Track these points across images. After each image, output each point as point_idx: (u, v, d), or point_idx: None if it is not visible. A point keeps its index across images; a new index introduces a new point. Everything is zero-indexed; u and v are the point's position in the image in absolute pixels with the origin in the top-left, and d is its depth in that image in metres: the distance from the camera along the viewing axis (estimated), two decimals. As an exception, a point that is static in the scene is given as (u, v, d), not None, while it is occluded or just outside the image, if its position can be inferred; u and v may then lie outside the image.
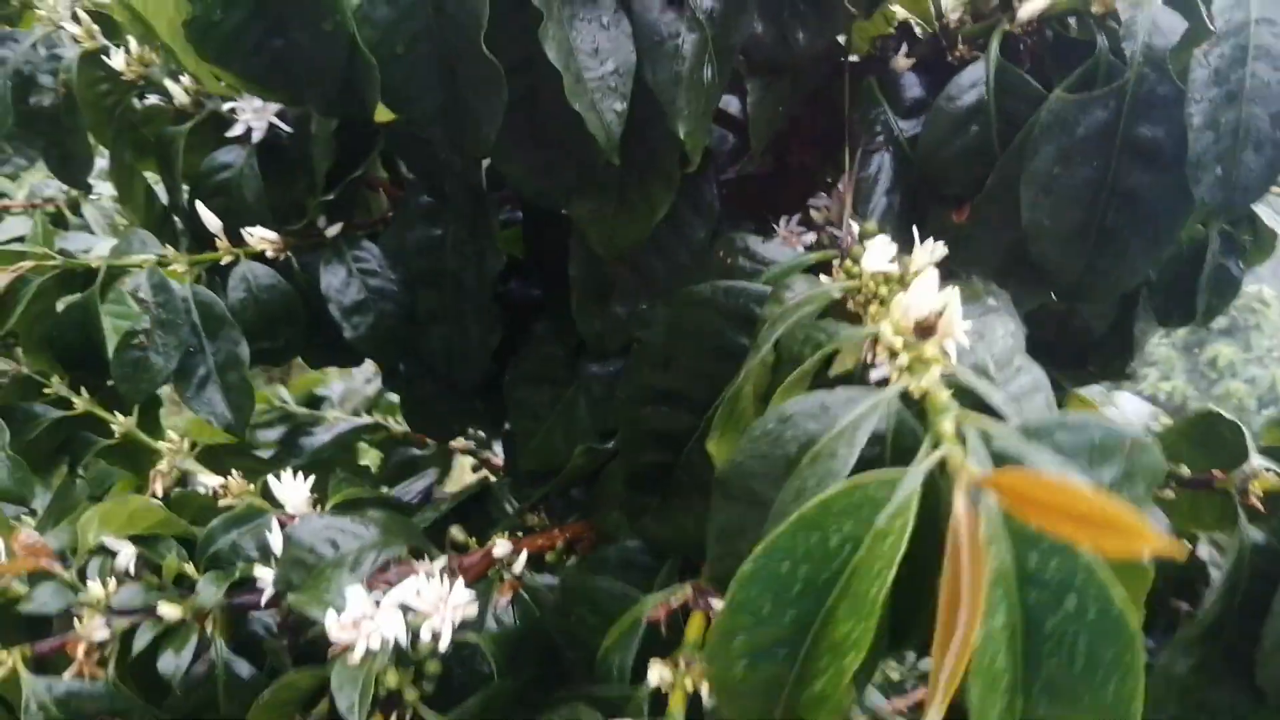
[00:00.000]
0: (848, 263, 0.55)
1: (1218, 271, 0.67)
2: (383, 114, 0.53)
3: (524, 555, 0.69)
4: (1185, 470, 0.75)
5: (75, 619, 0.63)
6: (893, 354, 0.45)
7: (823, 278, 0.55)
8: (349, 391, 1.17)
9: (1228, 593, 0.67)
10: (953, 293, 0.45)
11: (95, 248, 1.11)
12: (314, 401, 1.13)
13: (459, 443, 1.04)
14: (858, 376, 0.49)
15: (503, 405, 0.81)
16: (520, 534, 0.73)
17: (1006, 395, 0.46)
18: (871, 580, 0.35)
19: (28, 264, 0.71)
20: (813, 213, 0.69)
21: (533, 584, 0.68)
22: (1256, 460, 0.70)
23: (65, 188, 1.15)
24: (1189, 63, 0.52)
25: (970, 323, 0.46)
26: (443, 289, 0.77)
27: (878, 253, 0.51)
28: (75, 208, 1.22)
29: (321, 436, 1.05)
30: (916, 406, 0.43)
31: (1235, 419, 0.73)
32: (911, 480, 0.36)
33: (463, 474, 1.09)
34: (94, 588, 0.64)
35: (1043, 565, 0.35)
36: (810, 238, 0.67)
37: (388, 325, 0.77)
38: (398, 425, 1.08)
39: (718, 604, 0.60)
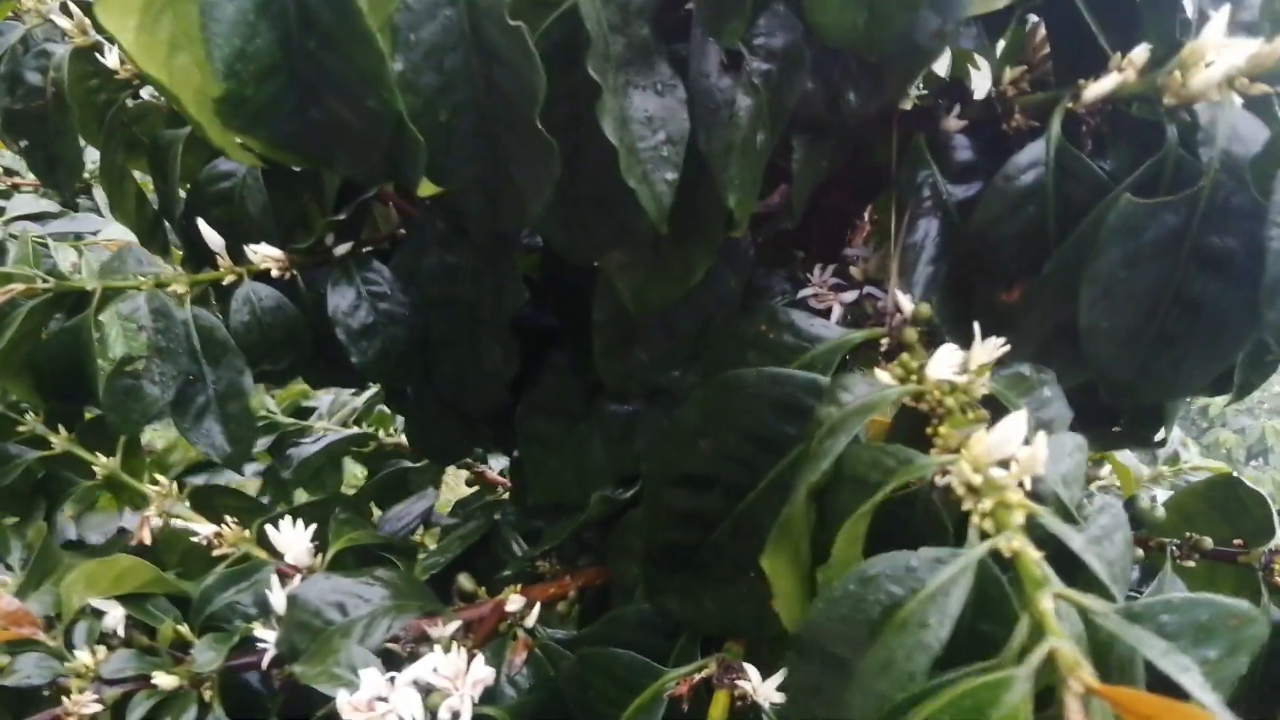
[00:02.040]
0: (904, 357, 0.51)
1: (1255, 347, 0.64)
2: (425, 188, 0.47)
3: (537, 608, 0.65)
4: (1196, 534, 0.73)
5: (63, 691, 0.58)
6: (970, 489, 0.42)
7: (879, 374, 0.51)
8: (337, 403, 1.11)
9: (1249, 672, 0.65)
10: (1040, 437, 0.41)
11: (104, 230, 1.04)
12: (301, 413, 1.07)
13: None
14: (923, 495, 0.46)
15: (511, 432, 0.76)
16: (531, 581, 0.69)
17: (1087, 538, 0.42)
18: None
19: (18, 286, 0.64)
20: (851, 269, 0.65)
21: (546, 641, 0.65)
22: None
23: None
24: (1270, 175, 0.48)
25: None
26: (456, 315, 0.72)
27: (944, 361, 0.47)
28: (86, 189, 1.14)
29: (310, 447, 1.00)
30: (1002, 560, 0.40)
31: (1259, 490, 0.70)
32: (1022, 684, 0.33)
33: (457, 486, 1.05)
34: (82, 656, 0.59)
35: (1152, 774, 0.33)
36: (849, 296, 0.63)
37: (397, 351, 0.73)
38: (388, 437, 1.03)
39: (744, 682, 0.57)
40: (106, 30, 0.72)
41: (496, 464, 1.03)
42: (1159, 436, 0.71)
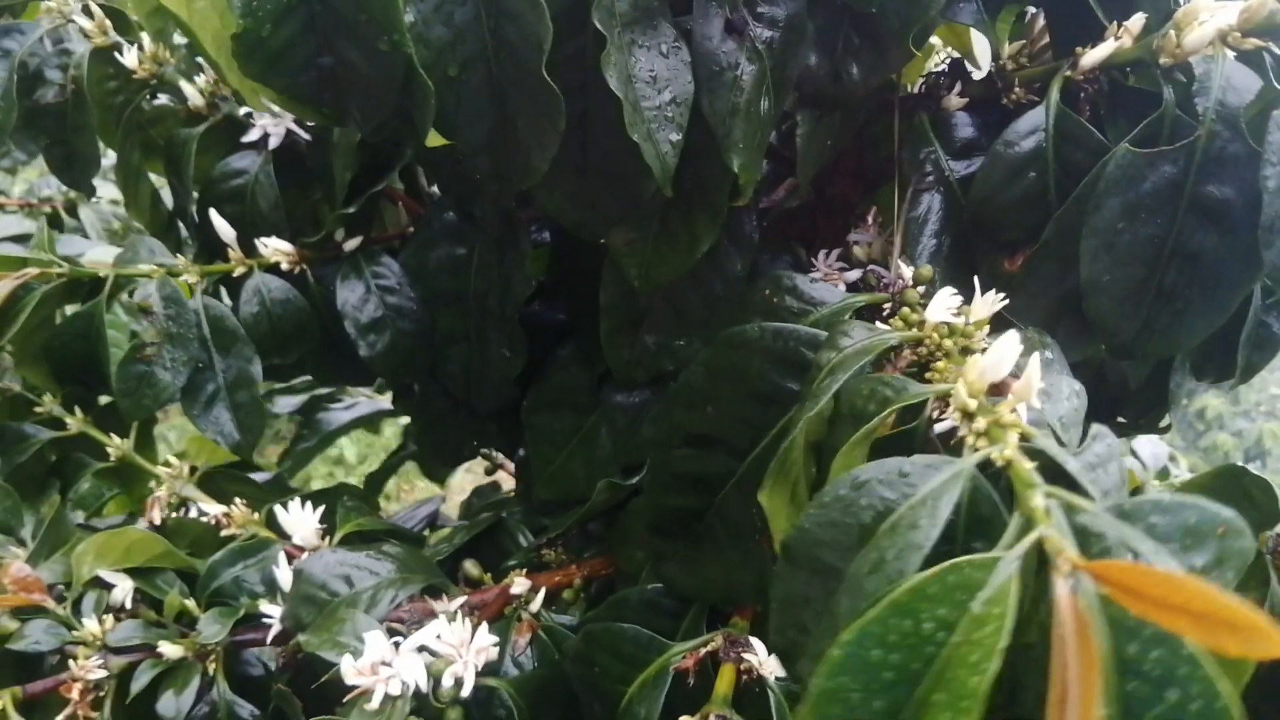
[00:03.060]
0: (905, 310, 0.54)
1: (1259, 328, 0.66)
2: (432, 139, 0.51)
3: (542, 593, 0.67)
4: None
5: (69, 658, 0.60)
6: (966, 414, 0.44)
7: (879, 324, 0.53)
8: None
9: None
10: (1034, 357, 0.43)
11: (89, 253, 1.08)
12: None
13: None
14: (921, 430, 0.48)
15: (518, 429, 0.79)
16: (536, 569, 0.71)
17: (1082, 464, 0.44)
18: (970, 670, 0.34)
19: (33, 271, 0.68)
20: (855, 249, 0.67)
21: (550, 624, 0.66)
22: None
23: (64, 188, 1.12)
24: (1264, 120, 0.51)
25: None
26: (465, 309, 0.75)
27: (941, 304, 0.50)
28: (72, 210, 1.19)
29: (340, 415, 1.01)
30: (994, 473, 0.42)
31: (1263, 478, 0.72)
32: (1008, 564, 0.35)
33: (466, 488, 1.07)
34: (89, 625, 0.61)
35: (1142, 656, 0.34)
36: (852, 275, 0.66)
37: (405, 345, 0.75)
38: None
39: (750, 655, 0.58)
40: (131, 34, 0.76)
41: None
42: (1163, 423, 0.73)
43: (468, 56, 0.50)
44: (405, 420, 1.05)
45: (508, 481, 1.05)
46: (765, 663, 0.58)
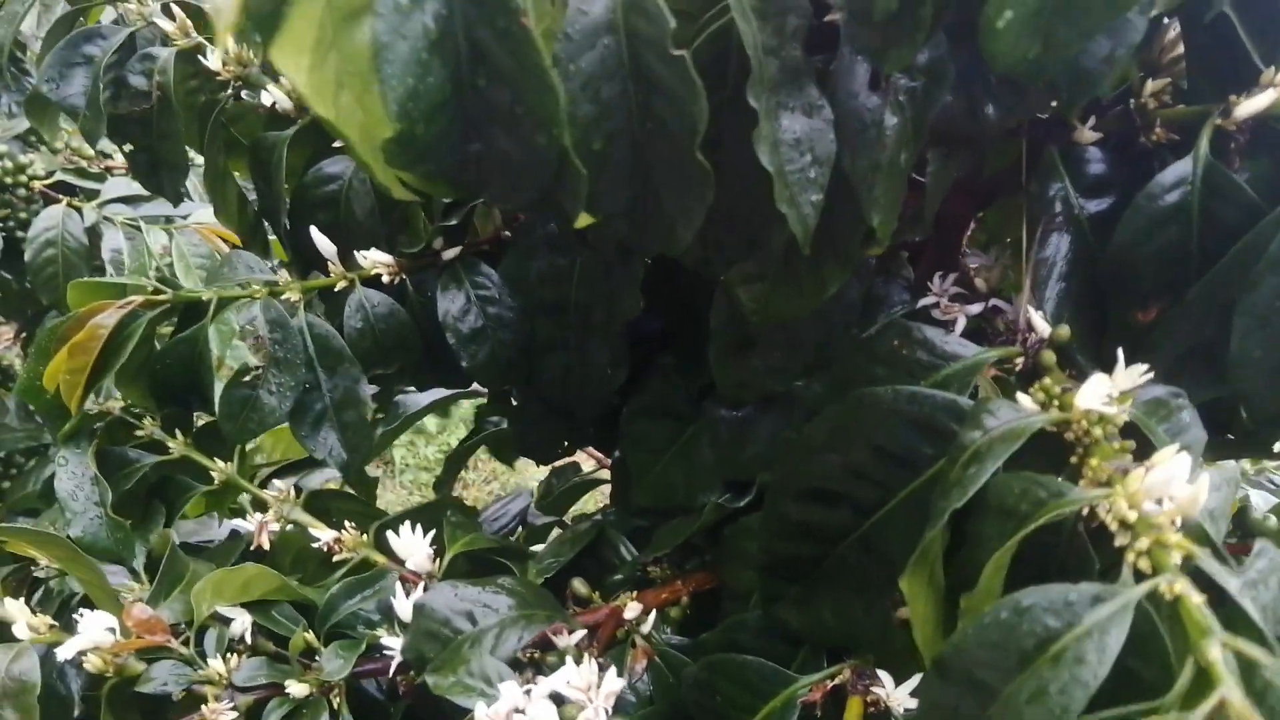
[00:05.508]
0: (1046, 382, 0.54)
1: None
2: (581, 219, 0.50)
3: (653, 615, 0.69)
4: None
5: (197, 699, 0.63)
6: (1124, 524, 0.44)
7: (1021, 399, 0.53)
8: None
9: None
10: (1204, 479, 0.43)
11: (195, 213, 1.09)
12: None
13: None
14: (1070, 524, 0.49)
15: (614, 431, 0.80)
16: (642, 585, 0.73)
17: (1244, 581, 0.45)
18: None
19: (137, 299, 0.68)
20: (976, 281, 0.67)
21: (664, 648, 0.68)
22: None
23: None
24: None
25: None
26: (565, 320, 0.75)
27: (1094, 392, 0.50)
28: None
29: (420, 398, 1.03)
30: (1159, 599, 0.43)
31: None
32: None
33: (525, 469, 1.08)
34: (214, 664, 0.63)
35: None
36: (974, 308, 0.66)
37: (505, 356, 0.76)
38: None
39: (878, 688, 0.60)
40: (214, 35, 0.75)
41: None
42: (1278, 446, 0.73)
43: (612, 131, 0.50)
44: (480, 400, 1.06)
45: (587, 463, 1.07)
46: (892, 694, 0.60)
